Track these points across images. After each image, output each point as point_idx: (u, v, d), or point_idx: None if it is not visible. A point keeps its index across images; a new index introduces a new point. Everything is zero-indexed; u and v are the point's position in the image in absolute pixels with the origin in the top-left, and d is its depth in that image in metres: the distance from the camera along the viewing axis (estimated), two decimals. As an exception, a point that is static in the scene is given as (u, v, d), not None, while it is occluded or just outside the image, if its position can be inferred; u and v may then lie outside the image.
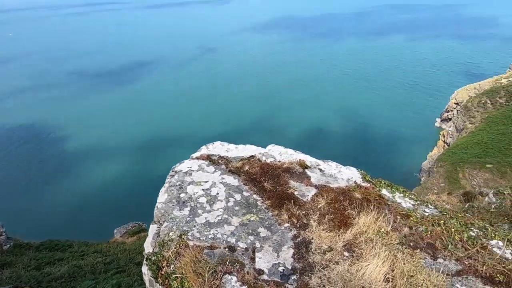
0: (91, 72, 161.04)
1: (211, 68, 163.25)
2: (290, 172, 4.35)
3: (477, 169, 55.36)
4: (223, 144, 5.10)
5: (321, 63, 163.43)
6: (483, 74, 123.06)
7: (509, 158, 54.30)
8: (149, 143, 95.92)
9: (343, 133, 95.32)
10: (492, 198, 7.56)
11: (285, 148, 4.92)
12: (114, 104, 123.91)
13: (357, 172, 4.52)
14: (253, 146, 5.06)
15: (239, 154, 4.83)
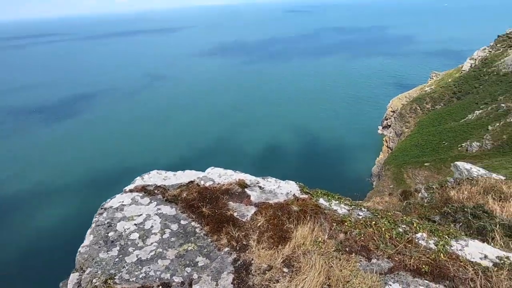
0: (31, 108, 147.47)
1: (161, 95, 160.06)
2: (230, 193, 4.27)
3: (418, 168, 61.10)
4: (160, 172, 4.85)
5: (269, 84, 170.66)
6: (410, 84, 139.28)
7: (442, 155, 60.94)
8: (95, 178, 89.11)
9: (295, 148, 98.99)
10: (424, 193, 8.28)
11: (225, 170, 4.87)
12: (56, 139, 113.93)
13: (295, 185, 4.63)
14: (193, 171, 4.91)
15: (177, 181, 4.62)
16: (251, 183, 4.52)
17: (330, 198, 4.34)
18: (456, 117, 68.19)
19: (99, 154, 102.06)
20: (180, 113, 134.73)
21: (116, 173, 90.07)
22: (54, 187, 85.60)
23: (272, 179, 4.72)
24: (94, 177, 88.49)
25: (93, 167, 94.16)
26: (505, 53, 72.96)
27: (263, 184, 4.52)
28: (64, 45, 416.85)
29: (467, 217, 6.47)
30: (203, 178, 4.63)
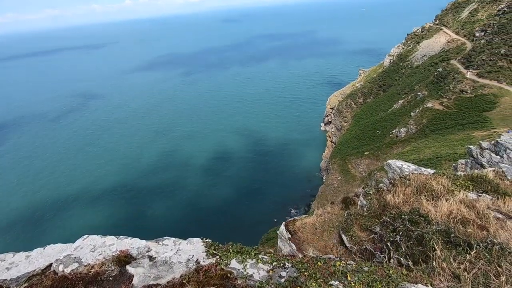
0: None
1: (92, 115, 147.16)
2: (100, 280, 3.02)
3: (359, 158, 65.29)
4: (4, 258, 3.32)
5: (206, 94, 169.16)
6: (343, 81, 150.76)
7: (377, 144, 66.08)
8: (38, 211, 77.52)
9: (242, 154, 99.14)
10: (363, 200, 7.87)
11: (103, 237, 3.55)
12: None
13: (200, 245, 3.54)
14: (58, 245, 3.50)
15: (28, 267, 3.20)
16: (138, 252, 3.30)
17: (245, 257, 3.34)
18: (385, 107, 74.97)
19: (21, 190, 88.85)
20: (115, 134, 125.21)
21: (48, 203, 79.51)
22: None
23: (170, 241, 3.54)
24: (21, 213, 76.59)
25: (19, 204, 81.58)
26: (414, 48, 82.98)
27: (155, 252, 3.33)
28: None
29: (405, 225, 6.08)
30: (65, 259, 3.25)
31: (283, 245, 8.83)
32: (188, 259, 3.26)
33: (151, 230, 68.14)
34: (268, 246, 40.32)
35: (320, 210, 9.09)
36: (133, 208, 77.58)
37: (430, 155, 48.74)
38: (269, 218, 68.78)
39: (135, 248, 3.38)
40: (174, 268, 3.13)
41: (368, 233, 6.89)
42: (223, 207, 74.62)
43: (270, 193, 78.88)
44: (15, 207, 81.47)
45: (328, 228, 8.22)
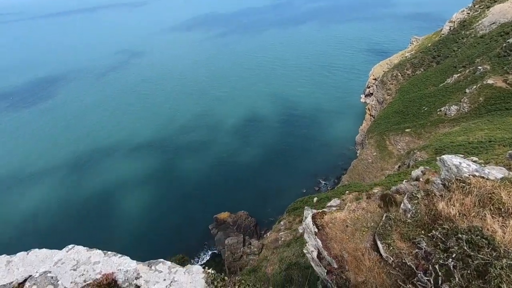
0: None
1: (134, 73, 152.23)
2: None
3: (399, 134, 61.21)
4: (-15, 261, 2.98)
5: (244, 56, 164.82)
6: (391, 49, 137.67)
7: (422, 121, 61.02)
8: (83, 157, 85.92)
9: (275, 120, 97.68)
10: (407, 204, 6.75)
11: (89, 251, 2.98)
12: (30, 124, 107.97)
13: (201, 278, 2.79)
14: (42, 250, 3.05)
15: (6, 278, 2.78)
16: (125, 279, 2.67)
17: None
18: (436, 81, 67.72)
19: (72, 138, 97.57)
20: (155, 91, 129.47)
21: (87, 156, 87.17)
22: (34, 170, 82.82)
23: (165, 267, 2.83)
24: (62, 161, 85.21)
25: (67, 150, 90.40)
26: (482, 14, 71.58)
27: (145, 281, 2.64)
28: (22, 24, 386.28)
29: (462, 247, 4.96)
30: (41, 278, 2.76)
31: (309, 238, 8.12)
32: (184, 297, 2.63)
33: (178, 187, 72.23)
34: (294, 215, 40.61)
35: (353, 205, 8.09)
36: (163, 163, 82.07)
37: (482, 138, 43.95)
38: (297, 187, 68.96)
39: (122, 272, 2.80)
40: (165, 308, 2.54)
41: (410, 245, 5.87)
42: (250, 172, 75.86)
43: (300, 162, 78.19)
44: (62, 155, 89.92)
45: (361, 227, 7.29)
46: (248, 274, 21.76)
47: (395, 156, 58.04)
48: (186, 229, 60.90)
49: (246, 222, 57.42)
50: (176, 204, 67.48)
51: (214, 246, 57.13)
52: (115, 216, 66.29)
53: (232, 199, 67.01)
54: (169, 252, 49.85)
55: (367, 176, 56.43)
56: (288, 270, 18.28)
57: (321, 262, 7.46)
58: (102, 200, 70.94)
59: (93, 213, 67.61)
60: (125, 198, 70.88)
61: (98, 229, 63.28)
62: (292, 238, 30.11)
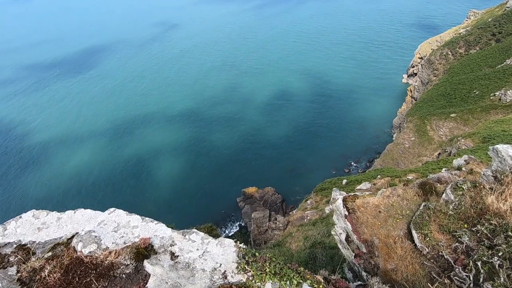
0: (46, 63, 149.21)
1: (174, 45, 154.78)
2: (112, 276, 2.63)
3: (443, 119, 56.94)
4: (38, 216, 3.25)
5: (280, 30, 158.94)
6: (442, 25, 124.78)
7: (470, 106, 56.00)
8: (122, 124, 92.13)
9: (308, 95, 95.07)
10: (450, 195, 6.29)
11: (129, 215, 3.13)
12: (76, 92, 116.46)
13: (232, 251, 2.81)
14: (88, 211, 3.26)
15: (56, 232, 3.04)
16: (161, 245, 2.80)
17: (285, 283, 2.52)
18: (492, 62, 60.82)
19: (112, 106, 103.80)
20: (190, 63, 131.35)
21: (125, 123, 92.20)
22: (81, 134, 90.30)
23: (198, 237, 2.91)
24: (109, 126, 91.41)
25: (108, 118, 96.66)
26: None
27: (179, 248, 2.78)
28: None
29: (511, 245, 4.57)
30: (86, 236, 2.96)
31: (338, 221, 8.00)
32: (214, 268, 2.67)
33: (209, 158, 74.64)
34: (322, 195, 40.43)
35: (388, 191, 7.74)
36: (195, 134, 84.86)
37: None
38: (326, 167, 68.04)
39: (159, 238, 2.94)
40: (195, 278, 2.59)
41: (449, 238, 5.53)
42: (280, 148, 75.83)
43: (331, 142, 76.44)
44: (103, 121, 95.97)
45: (395, 214, 6.99)
46: (273, 248, 22.40)
47: (436, 143, 54.49)
48: (215, 200, 63.50)
49: (272, 198, 58.42)
50: (206, 175, 70.11)
51: (241, 218, 59.28)
52: (149, 181, 70.69)
53: (261, 175, 68.06)
54: (198, 220, 52.65)
55: (402, 162, 53.91)
56: (312, 248, 18.49)
57: (349, 245, 7.35)
58: (138, 165, 75.64)
59: (129, 177, 72.63)
60: (159, 165, 74.92)
61: (133, 192, 68.19)
62: (318, 218, 30.18)
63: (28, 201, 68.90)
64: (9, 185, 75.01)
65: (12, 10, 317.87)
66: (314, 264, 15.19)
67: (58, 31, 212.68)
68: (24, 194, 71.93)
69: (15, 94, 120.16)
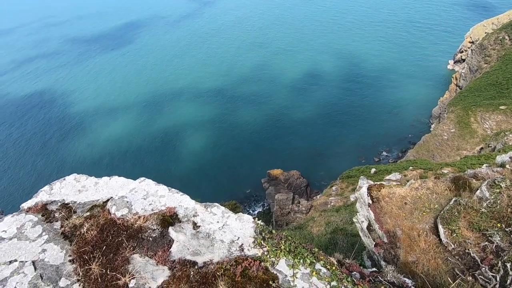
0: (87, 37, 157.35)
1: (207, 21, 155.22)
2: (141, 238, 2.84)
3: (490, 111, 52.45)
4: (79, 179, 3.57)
5: (320, 9, 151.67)
6: (502, 5, 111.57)
7: (525, 98, 50.88)
8: (153, 99, 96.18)
9: (344, 80, 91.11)
10: (485, 192, 5.93)
11: (157, 185, 3.33)
12: (113, 65, 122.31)
13: (250, 226, 2.92)
14: (121, 178, 3.52)
15: (94, 196, 3.34)
16: (185, 214, 2.98)
17: (298, 262, 2.58)
18: (558, 49, 53.97)
19: (156, 76, 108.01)
20: (222, 40, 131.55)
21: (161, 95, 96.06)
22: (119, 105, 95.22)
23: (219, 210, 3.05)
24: (140, 100, 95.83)
25: (152, 87, 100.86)
26: None
27: (201, 219, 2.94)
28: None
29: (548, 250, 4.28)
30: (119, 200, 3.22)
31: (361, 209, 7.90)
32: (232, 241, 2.82)
33: (236, 136, 75.71)
34: (348, 183, 39.72)
35: (417, 183, 7.46)
36: (223, 111, 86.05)
37: None
38: (354, 154, 66.19)
39: (183, 208, 3.13)
40: (214, 247, 2.76)
41: (479, 236, 5.28)
42: (308, 131, 74.71)
43: (362, 128, 73.73)
44: (136, 95, 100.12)
45: (421, 207, 6.76)
46: (294, 230, 22.72)
47: (479, 136, 50.58)
48: (240, 178, 64.83)
49: (297, 181, 58.42)
50: (232, 154, 71.40)
51: (264, 198, 60.30)
52: (176, 156, 73.60)
53: (287, 157, 67.96)
54: (223, 197, 54.35)
55: (438, 154, 50.92)
56: (333, 233, 18.49)
57: (370, 234, 7.28)
58: (166, 140, 78.73)
59: (157, 150, 76.03)
60: (186, 141, 77.49)
61: (160, 165, 71.50)
62: (342, 205, 29.87)
63: (68, 166, 75.11)
64: (52, 150, 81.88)
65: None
66: (334, 249, 15.25)
67: (101, 6, 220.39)
68: (65, 159, 78.32)
69: (58, 67, 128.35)
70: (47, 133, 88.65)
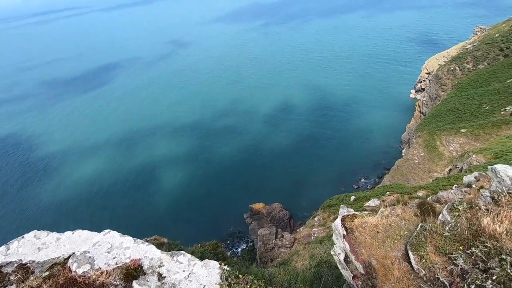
0: (61, 80, 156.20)
1: (182, 61, 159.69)
2: None
3: (453, 134, 56.12)
4: (39, 236, 3.46)
5: (287, 47, 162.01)
6: (449, 41, 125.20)
7: (481, 121, 55.22)
8: (126, 138, 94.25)
9: (318, 113, 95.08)
10: (446, 216, 6.29)
11: (122, 237, 3.32)
12: (85, 107, 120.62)
13: (216, 273, 2.95)
14: (85, 231, 3.46)
15: (56, 252, 3.23)
16: (150, 266, 2.97)
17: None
18: (502, 77, 60.37)
19: (128, 116, 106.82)
20: (197, 78, 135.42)
21: (135, 133, 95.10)
22: (89, 147, 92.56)
23: (185, 258, 3.06)
24: (109, 141, 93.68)
25: (124, 128, 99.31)
26: None
27: (167, 269, 2.94)
28: (85, 18, 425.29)
29: (505, 269, 4.54)
30: (81, 256, 3.15)
31: (337, 240, 7.99)
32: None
33: (215, 173, 74.88)
34: (329, 212, 39.79)
35: (387, 210, 7.75)
36: (201, 148, 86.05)
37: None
38: (334, 183, 67.19)
39: (148, 259, 3.10)
40: (179, 297, 2.75)
41: (446, 260, 5.50)
42: (287, 164, 75.48)
43: (339, 157, 75.84)
44: (109, 136, 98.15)
45: (393, 235, 6.98)
46: (278, 267, 22.04)
47: (446, 158, 53.45)
48: (222, 216, 63.07)
49: (280, 214, 57.75)
50: (212, 190, 70.00)
51: (248, 234, 58.56)
52: (154, 195, 70.97)
53: (268, 190, 67.61)
54: (204, 237, 52.07)
55: (412, 178, 52.90)
56: (318, 267, 18.15)
57: (347, 266, 7.32)
58: (141, 180, 76.29)
59: (133, 191, 73.11)
60: (162, 180, 75.40)
61: (136, 208, 68.36)
62: (325, 235, 29.66)
63: (30, 218, 69.90)
64: (12, 200, 76.49)
65: (38, 30, 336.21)
66: (319, 284, 14.89)
67: (76, 49, 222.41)
68: (27, 210, 73.11)
69: (26, 111, 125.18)
70: (8, 181, 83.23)
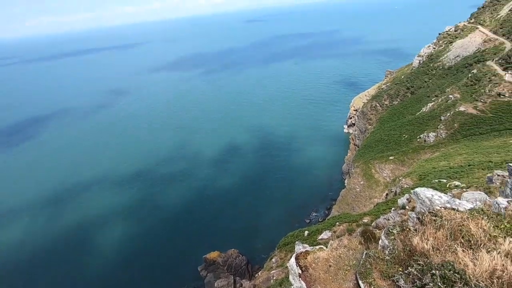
0: None
1: (122, 110, 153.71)
2: None
3: (384, 162, 62.62)
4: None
5: (227, 94, 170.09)
6: (367, 83, 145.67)
7: (404, 148, 63.07)
8: (55, 196, 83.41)
9: (261, 154, 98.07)
10: (384, 240, 6.93)
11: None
12: (10, 163, 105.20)
13: None
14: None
15: None
16: None
17: None
18: (412, 110, 71.38)
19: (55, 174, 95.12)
20: (138, 127, 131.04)
21: (69, 192, 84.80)
22: (13, 207, 79.94)
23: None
24: (43, 197, 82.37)
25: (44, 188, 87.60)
26: (446, 48, 78.25)
27: None
28: (19, 67, 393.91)
29: (436, 283, 5.11)
30: None
31: (293, 280, 8.04)
32: None
33: (162, 224, 69.82)
34: (286, 251, 39.48)
35: (335, 243, 8.19)
36: (146, 198, 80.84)
37: (462, 162, 45.70)
38: (287, 220, 67.73)
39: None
40: None
41: (390, 283, 5.96)
42: (238, 207, 74.49)
43: (288, 194, 77.73)
44: (43, 191, 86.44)
45: (343, 266, 7.34)
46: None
47: (382, 184, 58.75)
48: (173, 273, 57.59)
49: (236, 260, 55.19)
50: (160, 244, 64.40)
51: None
52: (97, 253, 62.55)
53: (221, 236, 64.79)
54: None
55: (356, 206, 56.42)
56: (280, 312, 17.46)
57: (307, 306, 7.35)
58: (82, 236, 67.45)
59: (73, 250, 63.70)
60: (106, 234, 67.57)
61: (78, 267, 59.13)
62: (284, 277, 29.07)
63: None
64: None
65: None
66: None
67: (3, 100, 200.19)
68: None
69: None
70: None
